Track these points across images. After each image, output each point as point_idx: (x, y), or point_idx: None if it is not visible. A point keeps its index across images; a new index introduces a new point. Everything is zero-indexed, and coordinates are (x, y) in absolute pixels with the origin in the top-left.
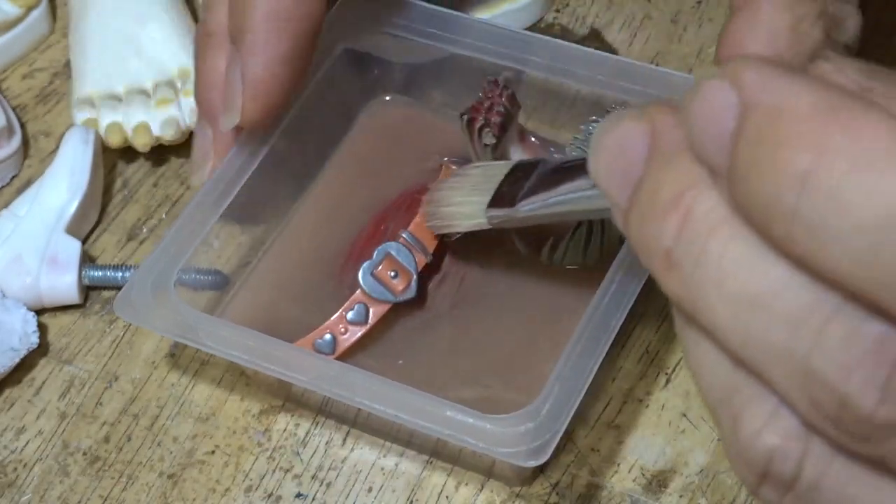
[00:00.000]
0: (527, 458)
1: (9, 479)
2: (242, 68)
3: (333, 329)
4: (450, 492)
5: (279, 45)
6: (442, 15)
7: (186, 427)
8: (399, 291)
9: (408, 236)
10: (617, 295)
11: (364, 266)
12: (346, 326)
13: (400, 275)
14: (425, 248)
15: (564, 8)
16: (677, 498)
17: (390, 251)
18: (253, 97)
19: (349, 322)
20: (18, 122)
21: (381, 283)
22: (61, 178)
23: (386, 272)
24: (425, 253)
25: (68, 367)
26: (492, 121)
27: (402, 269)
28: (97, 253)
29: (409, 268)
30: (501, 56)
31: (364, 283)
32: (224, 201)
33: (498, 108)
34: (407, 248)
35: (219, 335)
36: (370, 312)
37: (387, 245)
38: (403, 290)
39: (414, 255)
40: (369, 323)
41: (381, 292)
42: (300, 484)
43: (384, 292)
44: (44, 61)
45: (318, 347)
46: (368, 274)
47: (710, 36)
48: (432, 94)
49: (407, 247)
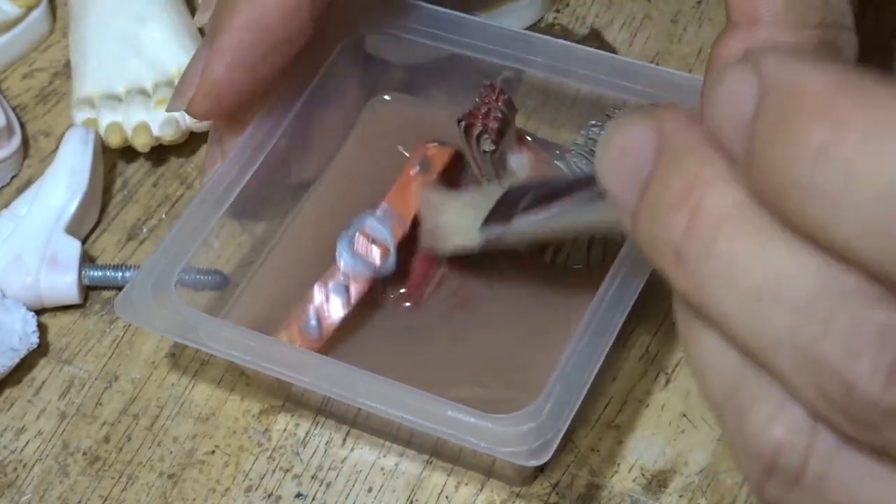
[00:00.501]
0: (528, 457)
1: (9, 479)
2: (205, 63)
3: (316, 311)
4: (450, 492)
5: (247, 54)
6: (442, 15)
7: (186, 427)
8: (377, 265)
9: (382, 209)
10: (617, 295)
11: (341, 241)
12: (327, 307)
13: (376, 247)
14: (401, 218)
15: (564, 8)
16: (677, 498)
17: (366, 224)
18: (205, 94)
19: (330, 302)
20: (18, 122)
21: (358, 258)
22: (61, 178)
23: (363, 246)
24: (402, 223)
25: (68, 367)
26: (489, 126)
27: (378, 242)
28: (97, 253)
29: (385, 240)
30: (501, 56)
31: (342, 260)
32: (225, 201)
33: (495, 114)
34: (382, 220)
35: (219, 335)
36: (351, 289)
37: (361, 218)
38: (382, 263)
39: (390, 227)
40: (351, 300)
41: (359, 267)
42: (300, 484)
43: (363, 266)
44: (44, 61)
45: (305, 331)
46: (345, 250)
47: (710, 36)
48: (432, 93)
49: (382, 219)
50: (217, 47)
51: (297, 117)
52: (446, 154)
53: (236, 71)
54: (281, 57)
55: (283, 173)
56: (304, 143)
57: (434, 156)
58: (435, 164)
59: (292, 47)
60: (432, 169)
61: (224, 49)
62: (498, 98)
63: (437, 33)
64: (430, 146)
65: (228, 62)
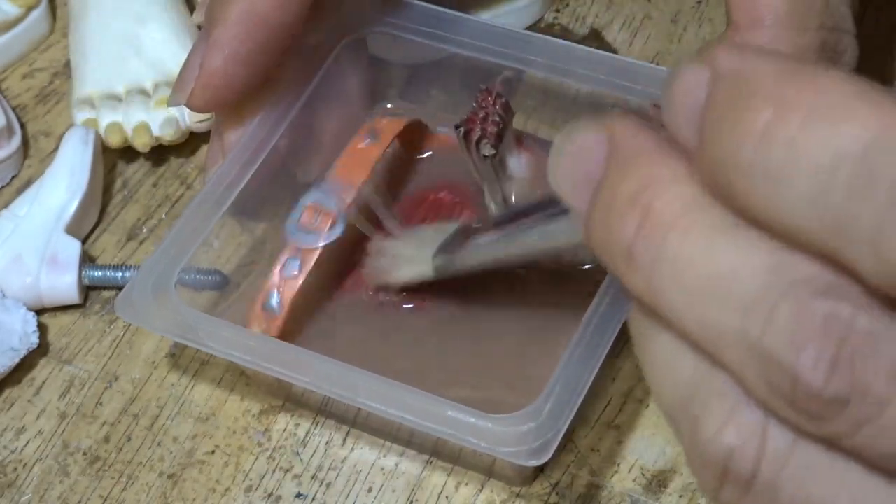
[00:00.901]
0: (528, 457)
1: (9, 479)
2: (203, 56)
3: (276, 286)
4: (450, 492)
5: (244, 45)
6: (442, 15)
7: (186, 427)
8: (325, 231)
9: (327, 182)
10: (617, 295)
11: (288, 221)
12: (283, 281)
13: (322, 217)
14: (350, 186)
15: (564, 8)
16: (677, 498)
17: (309, 201)
18: (204, 86)
19: (287, 277)
20: (18, 122)
21: (306, 231)
22: (61, 178)
23: (309, 219)
24: (349, 190)
25: (68, 367)
26: (488, 131)
27: (323, 212)
28: (97, 253)
29: (331, 208)
30: (501, 56)
31: (290, 237)
32: (225, 201)
33: (493, 118)
34: (328, 192)
35: (219, 335)
36: (304, 261)
37: (304, 196)
38: (330, 230)
39: (337, 196)
40: (305, 271)
41: (307, 239)
42: (300, 484)
43: (310, 238)
44: (44, 61)
45: (267, 310)
46: (293, 227)
47: (710, 36)
48: (432, 93)
49: (329, 191)
50: (214, 39)
51: (298, 117)
52: (398, 124)
53: (234, 62)
54: (278, 46)
55: (284, 173)
56: (304, 144)
57: (384, 126)
58: (385, 134)
59: (289, 35)
60: (382, 139)
61: (221, 41)
62: (495, 102)
63: (437, 33)
64: (379, 118)
65: (226, 54)
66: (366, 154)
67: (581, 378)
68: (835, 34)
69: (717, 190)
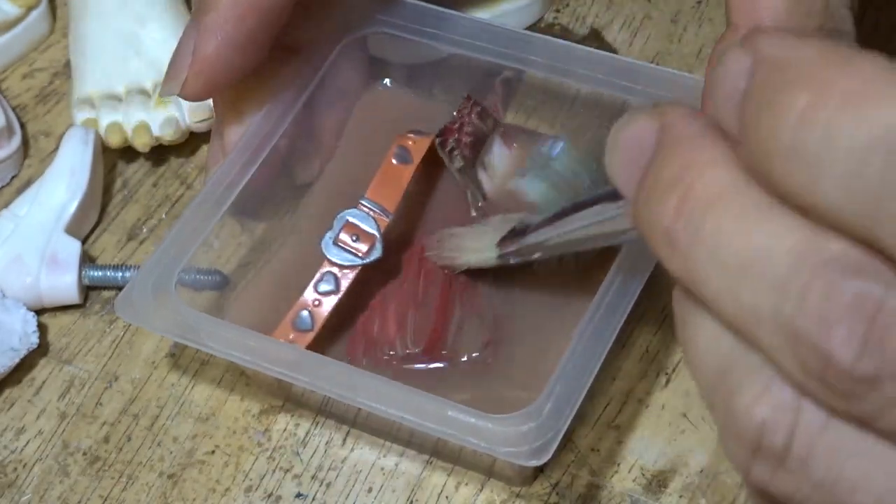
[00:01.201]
0: (528, 457)
1: (9, 479)
2: (195, 43)
3: (307, 304)
4: (450, 492)
5: (236, 31)
6: (442, 15)
7: (186, 427)
8: (364, 253)
9: (365, 201)
10: (617, 295)
11: (326, 236)
12: (318, 299)
13: (361, 238)
14: (384, 209)
15: (564, 8)
16: (677, 498)
17: (349, 218)
18: (198, 73)
19: (321, 294)
20: (18, 122)
21: (344, 250)
22: (61, 178)
23: (348, 238)
24: (385, 213)
25: (68, 367)
26: (462, 141)
27: (362, 233)
28: (97, 253)
29: (370, 230)
30: (501, 56)
31: (328, 253)
32: (225, 201)
33: (467, 128)
34: (366, 212)
35: (219, 335)
36: (340, 280)
37: (344, 213)
38: (368, 252)
39: (374, 218)
40: (342, 290)
41: (346, 258)
42: (300, 484)
43: (349, 257)
44: (44, 61)
45: (297, 326)
46: (331, 243)
47: (710, 36)
48: (432, 93)
49: (366, 211)
50: (205, 25)
51: (298, 117)
52: (425, 143)
53: (227, 48)
54: (270, 30)
55: (284, 173)
56: (304, 144)
57: (413, 146)
58: (414, 153)
59: (280, 20)
60: (413, 159)
61: (213, 27)
62: (471, 111)
63: (437, 33)
64: (408, 136)
65: (219, 40)
66: (398, 175)
67: (581, 378)
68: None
69: (756, 173)
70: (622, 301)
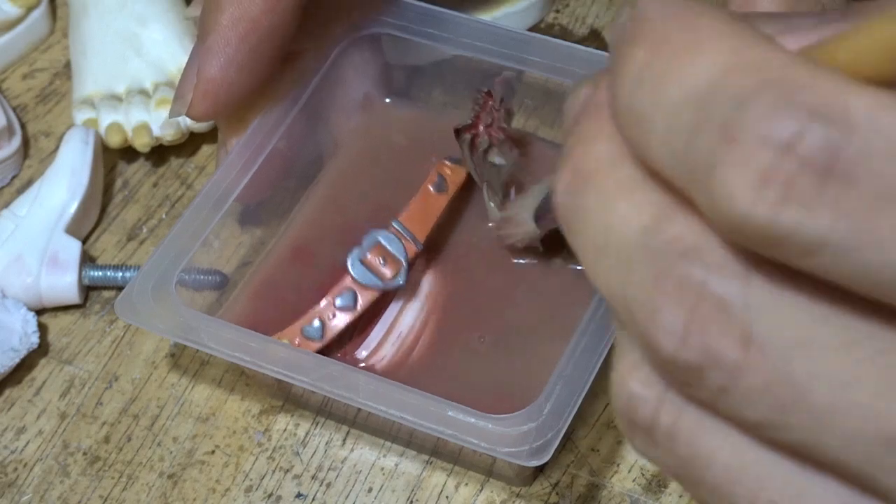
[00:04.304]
0: (529, 457)
1: (9, 479)
2: (199, 65)
3: (322, 315)
4: (450, 492)
5: (238, 51)
6: (442, 15)
7: (186, 427)
8: (388, 278)
9: (397, 225)
10: None
11: (353, 252)
12: (334, 312)
13: (388, 262)
14: (415, 238)
15: (564, 8)
16: (677, 498)
17: (380, 239)
18: (203, 94)
19: (338, 308)
20: (19, 122)
21: (369, 270)
22: (61, 179)
23: (375, 259)
24: (415, 242)
25: (68, 367)
26: (495, 138)
27: (390, 257)
28: (97, 253)
29: (398, 256)
30: (502, 56)
31: (353, 270)
32: (225, 201)
33: (499, 124)
34: (396, 236)
35: (219, 335)
36: (359, 299)
37: (376, 232)
38: (392, 278)
39: (403, 244)
40: (358, 309)
41: (369, 279)
42: (300, 484)
43: (373, 279)
44: (44, 61)
45: (306, 334)
46: (357, 261)
47: None
48: (433, 94)
49: (396, 235)
50: (208, 47)
51: (298, 118)
52: (462, 174)
53: (230, 69)
54: (272, 49)
55: (284, 174)
56: (304, 144)
57: (450, 175)
58: (451, 184)
59: (282, 39)
60: (449, 189)
61: (215, 48)
62: (500, 107)
63: (437, 34)
64: (445, 164)
65: (222, 61)
66: (434, 203)
67: (581, 378)
68: None
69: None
70: None
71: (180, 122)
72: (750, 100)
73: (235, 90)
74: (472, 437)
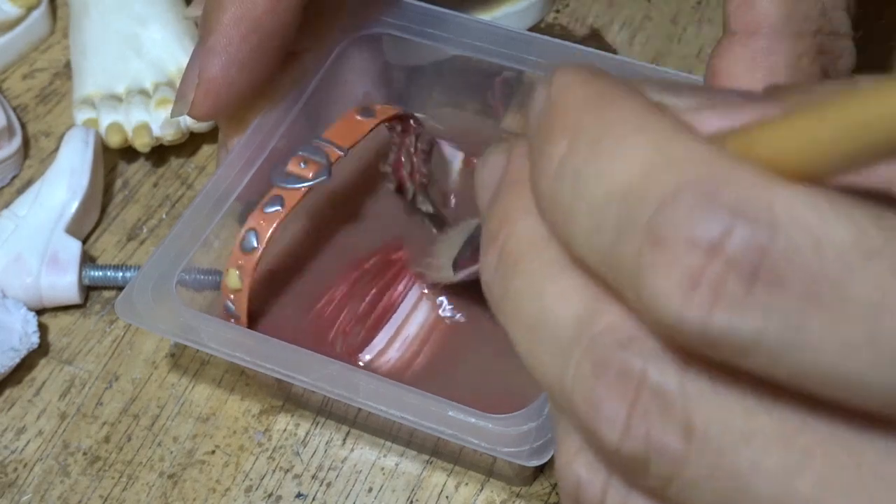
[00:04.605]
0: (529, 457)
1: (9, 479)
2: (201, 65)
3: (254, 227)
4: (450, 492)
5: (239, 51)
6: (442, 15)
7: (186, 427)
8: (311, 177)
9: (319, 140)
10: None
11: (274, 169)
12: (264, 219)
13: (309, 165)
14: (340, 146)
15: (564, 8)
16: None
17: (301, 152)
18: (205, 94)
19: (266, 214)
20: (19, 122)
21: (292, 176)
22: (62, 179)
23: (296, 167)
24: (339, 148)
25: (68, 367)
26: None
27: (311, 161)
28: (97, 253)
29: (319, 159)
30: (502, 57)
31: (275, 180)
32: (225, 201)
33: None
34: (319, 148)
35: (219, 335)
36: (285, 202)
37: (297, 147)
38: (316, 174)
39: (326, 151)
40: (286, 209)
41: (294, 183)
42: (300, 484)
43: (297, 182)
44: (44, 61)
45: (244, 248)
46: (280, 173)
47: (709, 36)
48: (433, 94)
49: (319, 148)
50: (209, 47)
51: (298, 118)
52: (391, 111)
53: (232, 69)
54: (274, 49)
55: None
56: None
57: (380, 109)
58: (379, 114)
59: (284, 38)
60: (377, 116)
61: (217, 48)
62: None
63: (437, 34)
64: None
65: (223, 61)
66: (358, 126)
67: None
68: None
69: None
70: None
71: (180, 122)
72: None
73: (237, 90)
74: (472, 437)
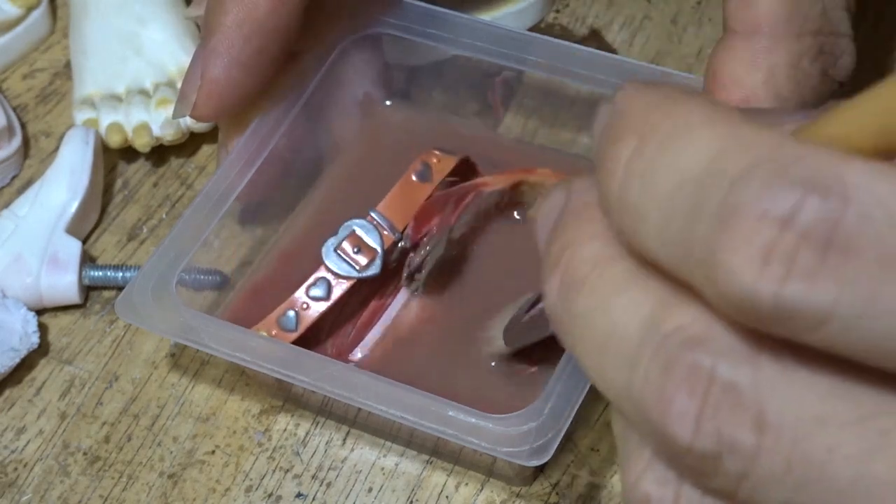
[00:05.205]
0: (529, 457)
1: (9, 479)
2: (203, 65)
3: (295, 305)
4: (450, 492)
5: (241, 52)
6: (442, 15)
7: (186, 427)
8: (362, 267)
9: (375, 214)
10: None
11: (328, 242)
12: (307, 303)
13: (363, 250)
14: (393, 226)
15: (564, 8)
16: None
17: (355, 228)
18: (207, 95)
19: (311, 298)
20: (19, 122)
21: (343, 259)
22: (62, 179)
23: (349, 248)
24: (392, 231)
25: (68, 367)
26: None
27: (365, 246)
28: (97, 253)
29: (373, 244)
30: (502, 56)
31: (326, 259)
32: (225, 201)
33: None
34: (373, 226)
35: (219, 335)
36: (333, 288)
37: (352, 222)
38: (367, 266)
39: (380, 233)
40: (332, 299)
41: (343, 268)
42: (300, 484)
43: (347, 267)
44: (44, 61)
45: (282, 325)
46: (332, 250)
47: (710, 36)
48: (433, 94)
49: (373, 225)
50: (212, 48)
51: (298, 118)
52: (450, 163)
53: (234, 70)
54: (276, 50)
55: (284, 174)
56: (304, 144)
57: (436, 164)
58: (437, 173)
59: (286, 40)
60: (433, 178)
61: (219, 49)
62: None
63: (437, 34)
64: (433, 153)
65: (226, 62)
66: (414, 192)
67: (581, 378)
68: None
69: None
70: None
71: (180, 122)
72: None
73: (239, 91)
74: (472, 436)
